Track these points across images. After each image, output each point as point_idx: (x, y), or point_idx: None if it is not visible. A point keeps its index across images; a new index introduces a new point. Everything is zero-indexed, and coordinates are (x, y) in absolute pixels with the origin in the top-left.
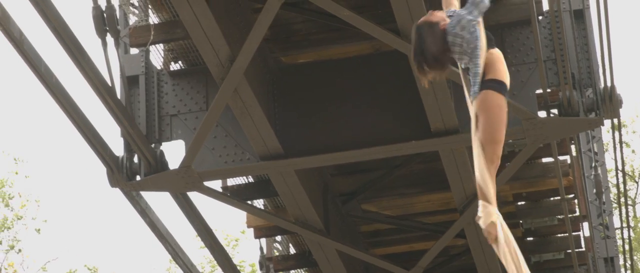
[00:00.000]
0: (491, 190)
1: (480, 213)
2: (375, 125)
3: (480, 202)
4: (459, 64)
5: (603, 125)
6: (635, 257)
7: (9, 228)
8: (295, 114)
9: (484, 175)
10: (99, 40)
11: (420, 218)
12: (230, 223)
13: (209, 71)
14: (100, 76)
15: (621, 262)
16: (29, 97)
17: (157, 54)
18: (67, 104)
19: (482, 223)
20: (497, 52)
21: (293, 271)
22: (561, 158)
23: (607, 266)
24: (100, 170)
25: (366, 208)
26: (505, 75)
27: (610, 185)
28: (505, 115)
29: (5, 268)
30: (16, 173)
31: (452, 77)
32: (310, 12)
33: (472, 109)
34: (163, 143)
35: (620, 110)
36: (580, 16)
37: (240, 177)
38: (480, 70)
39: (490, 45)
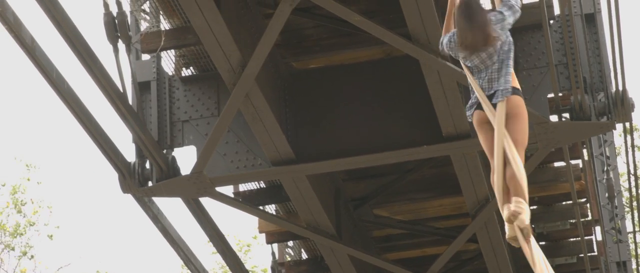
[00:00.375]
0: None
1: (520, 209)
2: (386, 130)
3: (520, 200)
4: (464, 62)
5: (615, 129)
6: None
7: (22, 234)
8: (307, 119)
9: (524, 174)
10: (111, 46)
11: (432, 223)
12: (242, 229)
13: (220, 77)
14: (112, 82)
15: (634, 265)
16: (41, 104)
17: (168, 60)
18: (79, 110)
19: (521, 221)
20: None
21: None
22: (573, 162)
23: (620, 270)
24: (112, 176)
25: (378, 213)
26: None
27: (622, 189)
28: None
29: None
30: (28, 179)
31: (462, 81)
32: (321, 17)
33: (493, 106)
34: (175, 149)
35: (632, 113)
36: (591, 20)
37: (252, 183)
38: (512, 71)
39: None
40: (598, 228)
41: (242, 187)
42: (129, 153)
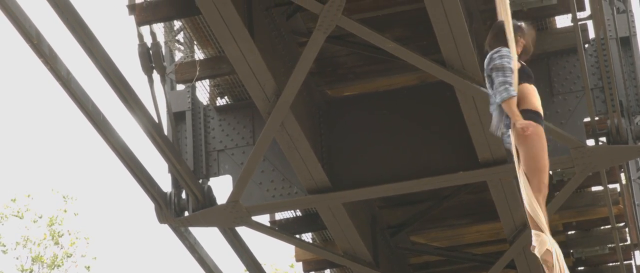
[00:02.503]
0: (542, 219)
1: (534, 242)
2: (422, 157)
3: (533, 232)
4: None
5: None
6: None
7: (59, 266)
8: (342, 146)
9: (533, 205)
10: (145, 77)
11: (470, 250)
12: (279, 258)
13: (255, 105)
14: (147, 113)
15: None
16: (77, 135)
17: (203, 90)
18: (115, 141)
19: (537, 252)
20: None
21: None
22: (611, 186)
23: None
24: (149, 206)
25: (415, 240)
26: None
27: None
28: (545, 142)
29: None
30: (65, 211)
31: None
32: (355, 44)
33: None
34: (210, 179)
35: None
36: (626, 43)
37: (288, 211)
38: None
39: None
40: (637, 253)
41: (278, 216)
42: (165, 183)
